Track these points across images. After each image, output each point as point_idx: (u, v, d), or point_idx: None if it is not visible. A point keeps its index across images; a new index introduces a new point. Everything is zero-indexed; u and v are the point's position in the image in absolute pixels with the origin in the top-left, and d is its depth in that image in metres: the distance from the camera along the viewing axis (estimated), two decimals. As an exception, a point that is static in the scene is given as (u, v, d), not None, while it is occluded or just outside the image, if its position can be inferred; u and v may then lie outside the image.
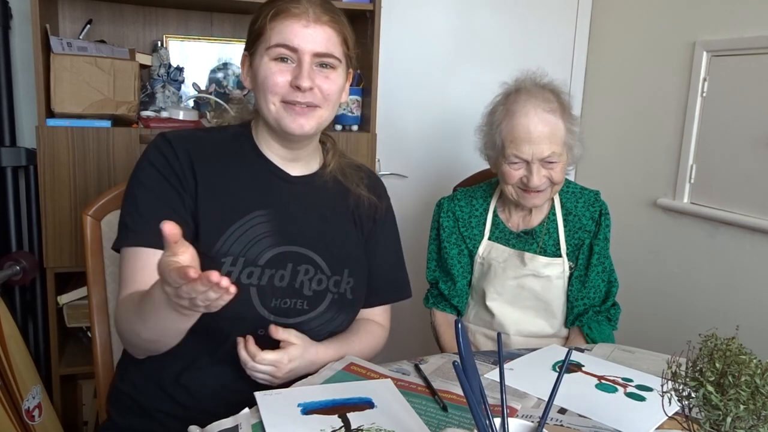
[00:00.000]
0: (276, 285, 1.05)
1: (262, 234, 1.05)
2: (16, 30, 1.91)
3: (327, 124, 1.10)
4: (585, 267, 1.45)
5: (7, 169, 1.86)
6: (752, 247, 1.82)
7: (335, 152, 1.20)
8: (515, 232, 1.47)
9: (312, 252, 1.09)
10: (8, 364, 1.61)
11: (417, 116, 2.34)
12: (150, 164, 1.04)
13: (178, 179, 1.03)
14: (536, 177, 1.35)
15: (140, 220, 1.01)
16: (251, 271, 1.03)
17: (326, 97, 1.05)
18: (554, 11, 2.42)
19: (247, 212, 1.05)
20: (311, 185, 1.14)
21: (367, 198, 1.20)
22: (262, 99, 1.04)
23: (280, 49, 1.01)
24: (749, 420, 0.67)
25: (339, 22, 1.06)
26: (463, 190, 1.57)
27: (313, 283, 1.08)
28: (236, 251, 1.02)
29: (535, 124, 1.32)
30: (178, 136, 1.07)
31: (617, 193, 2.23)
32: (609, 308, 1.47)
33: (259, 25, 1.04)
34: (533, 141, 1.33)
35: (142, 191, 1.03)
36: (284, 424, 0.85)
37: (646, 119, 2.20)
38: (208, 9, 2.05)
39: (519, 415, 0.95)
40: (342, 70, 1.08)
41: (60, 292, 1.79)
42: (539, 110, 1.33)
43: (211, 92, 2.03)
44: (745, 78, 1.83)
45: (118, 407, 1.10)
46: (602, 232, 1.46)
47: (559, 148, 1.34)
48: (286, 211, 1.09)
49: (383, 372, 1.06)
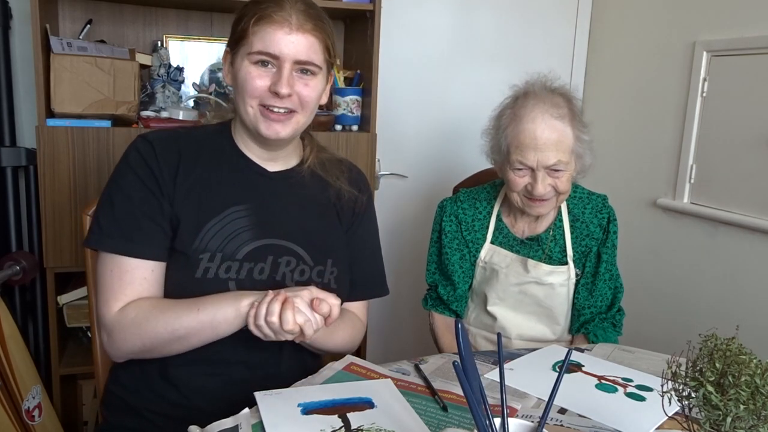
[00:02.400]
0: (255, 278, 1.05)
1: (241, 228, 1.06)
2: (16, 30, 1.91)
3: (304, 128, 1.11)
4: (592, 275, 1.43)
5: (7, 169, 1.86)
6: (752, 247, 1.82)
7: (313, 147, 1.21)
8: (520, 238, 1.46)
9: (293, 244, 1.10)
10: (8, 364, 1.61)
11: (417, 116, 2.34)
12: (129, 168, 1.04)
13: (156, 183, 1.03)
14: (540, 185, 1.31)
15: (115, 225, 1.02)
16: (229, 265, 1.04)
17: (304, 103, 1.06)
18: (554, 11, 2.42)
19: (225, 208, 1.06)
20: (290, 180, 1.15)
21: (348, 191, 1.20)
22: (241, 101, 1.05)
23: (261, 55, 1.02)
24: (749, 420, 0.67)
25: (322, 29, 1.06)
26: (466, 191, 1.54)
27: (296, 275, 1.09)
28: (214, 247, 1.03)
29: (542, 130, 1.29)
30: (158, 137, 1.08)
31: (617, 193, 2.22)
32: (614, 314, 1.45)
33: (242, 27, 1.04)
34: (539, 148, 1.29)
35: (120, 196, 1.03)
36: (284, 424, 0.85)
37: (646, 119, 2.20)
38: (208, 9, 2.05)
39: (519, 415, 0.95)
40: (322, 75, 1.09)
41: (60, 292, 1.79)
42: (546, 116, 1.29)
43: (211, 92, 2.03)
44: (745, 78, 1.83)
45: (112, 409, 1.11)
46: (610, 240, 1.44)
47: (565, 156, 1.30)
48: (265, 205, 1.10)
49: (383, 372, 1.06)
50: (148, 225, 1.02)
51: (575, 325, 1.45)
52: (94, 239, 1.03)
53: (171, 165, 1.05)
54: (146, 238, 1.02)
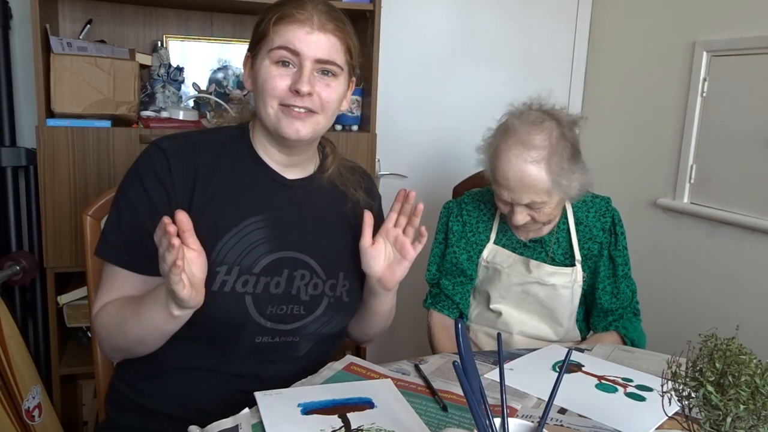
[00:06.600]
0: (272, 292, 1.04)
1: (258, 241, 1.05)
2: (16, 30, 1.91)
3: (324, 131, 1.08)
4: (611, 276, 1.44)
5: (7, 169, 1.87)
6: (752, 247, 1.82)
7: (335, 157, 1.19)
8: (523, 240, 1.46)
9: (307, 256, 1.09)
10: (8, 364, 1.61)
11: (417, 116, 2.34)
12: (138, 179, 1.02)
13: (166, 198, 1.01)
14: (518, 216, 1.34)
15: (119, 238, 1.02)
16: (246, 279, 1.02)
17: (324, 104, 1.03)
18: (554, 11, 2.42)
19: (244, 219, 1.05)
20: (307, 188, 1.13)
21: (364, 201, 1.20)
22: (261, 102, 1.03)
23: (281, 51, 1.00)
24: (749, 420, 0.67)
25: (344, 30, 1.05)
26: (470, 193, 1.55)
27: (309, 288, 1.08)
28: (231, 260, 1.02)
29: (514, 173, 1.29)
30: (174, 145, 1.05)
31: (617, 193, 2.22)
32: (634, 304, 1.48)
33: (263, 27, 1.03)
34: (511, 188, 1.30)
35: (127, 206, 1.02)
36: (284, 424, 0.85)
37: (646, 119, 2.20)
38: (208, 9, 2.05)
39: (519, 415, 0.95)
40: (344, 78, 1.07)
41: (60, 292, 1.79)
42: (520, 161, 1.28)
43: (211, 92, 2.03)
44: (745, 78, 1.83)
45: (117, 407, 1.10)
46: (620, 242, 1.44)
47: (540, 197, 1.30)
48: (283, 216, 1.09)
49: (383, 372, 1.06)
50: (150, 242, 1.00)
51: (602, 324, 1.45)
52: (100, 247, 1.04)
53: (187, 179, 1.02)
54: (146, 253, 1.00)
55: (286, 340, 1.06)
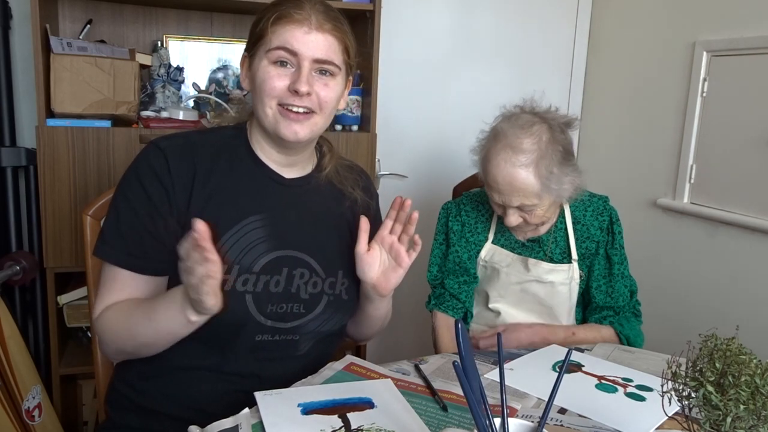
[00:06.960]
0: (271, 291, 1.04)
1: (257, 240, 1.05)
2: (16, 30, 1.91)
3: (322, 131, 1.09)
4: (606, 276, 1.44)
5: (7, 169, 1.87)
6: (752, 247, 1.82)
7: (333, 156, 1.19)
8: (521, 240, 1.46)
9: (306, 255, 1.09)
10: (8, 364, 1.61)
11: (417, 116, 2.34)
12: (137, 179, 1.02)
13: (165, 198, 1.01)
14: (510, 218, 1.35)
15: (119, 238, 1.02)
16: (246, 278, 1.02)
17: (323, 104, 1.04)
18: (554, 11, 2.42)
19: (243, 218, 1.05)
20: (305, 188, 1.14)
21: (362, 199, 1.20)
22: (259, 102, 1.03)
23: (279, 51, 1.00)
24: (749, 420, 0.67)
25: (341, 30, 1.05)
26: (468, 194, 1.56)
27: (309, 287, 1.08)
28: (230, 259, 1.02)
29: (503, 177, 1.30)
30: (173, 145, 1.04)
31: (617, 193, 2.22)
32: (633, 304, 1.47)
33: (261, 27, 1.03)
34: (501, 192, 1.32)
35: (126, 206, 1.02)
36: (284, 424, 0.85)
37: (646, 119, 2.20)
38: (208, 9, 2.05)
39: (519, 415, 0.95)
40: (341, 77, 1.07)
41: (60, 292, 1.79)
42: (508, 165, 1.29)
43: (211, 92, 2.03)
44: (745, 78, 1.83)
45: (117, 407, 1.10)
46: (617, 241, 1.44)
47: (530, 200, 1.31)
48: (281, 214, 1.09)
49: (383, 372, 1.06)
50: (150, 241, 1.01)
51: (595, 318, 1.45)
52: (99, 248, 1.04)
53: (185, 179, 1.02)
54: (146, 254, 1.01)
55: (286, 338, 1.06)
